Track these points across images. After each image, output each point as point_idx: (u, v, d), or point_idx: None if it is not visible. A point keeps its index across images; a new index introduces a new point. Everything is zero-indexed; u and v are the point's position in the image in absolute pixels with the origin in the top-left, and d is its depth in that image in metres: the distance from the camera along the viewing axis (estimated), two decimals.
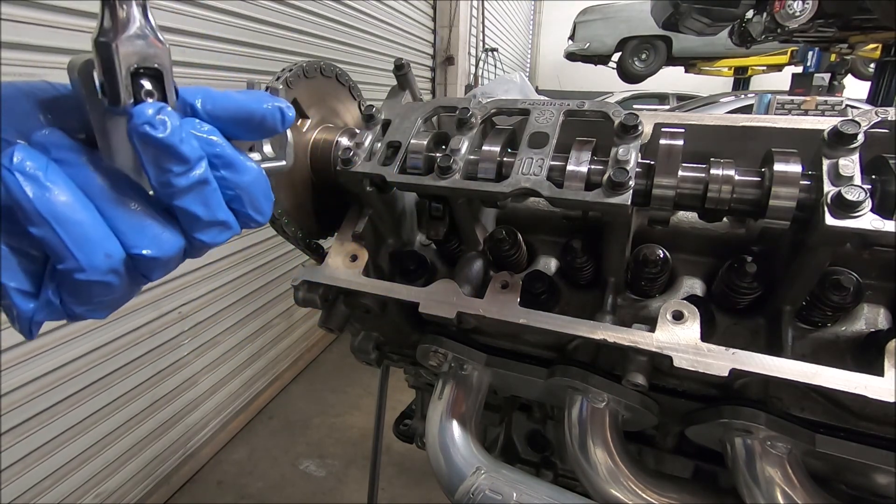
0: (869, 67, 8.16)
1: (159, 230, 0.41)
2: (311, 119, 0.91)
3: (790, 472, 0.72)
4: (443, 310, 0.81)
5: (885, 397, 0.59)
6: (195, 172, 0.40)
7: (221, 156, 0.43)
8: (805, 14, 5.35)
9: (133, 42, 0.36)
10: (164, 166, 0.39)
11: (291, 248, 2.85)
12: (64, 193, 0.37)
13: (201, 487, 2.97)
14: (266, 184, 0.48)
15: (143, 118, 0.37)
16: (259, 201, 0.47)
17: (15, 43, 1.76)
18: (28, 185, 0.35)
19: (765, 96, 6.41)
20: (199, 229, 0.43)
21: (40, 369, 2.05)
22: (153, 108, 0.38)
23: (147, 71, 0.37)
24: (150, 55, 0.37)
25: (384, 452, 1.91)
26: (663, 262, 0.82)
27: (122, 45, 0.36)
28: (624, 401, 0.84)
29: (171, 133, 0.38)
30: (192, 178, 0.40)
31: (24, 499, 2.08)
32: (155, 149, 0.38)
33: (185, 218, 0.42)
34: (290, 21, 3.33)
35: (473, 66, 7.87)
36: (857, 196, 0.60)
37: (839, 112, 5.25)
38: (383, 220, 0.99)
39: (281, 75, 0.84)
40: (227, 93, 0.46)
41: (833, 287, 0.73)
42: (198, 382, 3.00)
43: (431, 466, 0.89)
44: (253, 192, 0.46)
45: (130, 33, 0.36)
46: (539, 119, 0.79)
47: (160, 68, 0.38)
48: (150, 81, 0.38)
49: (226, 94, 0.46)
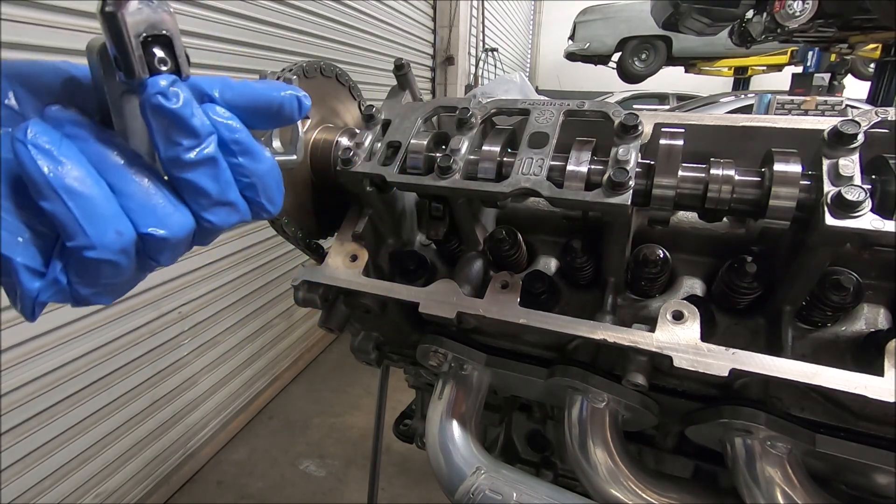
0: (869, 67, 8.16)
1: (170, 210, 0.41)
2: (311, 119, 0.91)
3: (790, 472, 0.72)
4: (443, 310, 0.81)
5: (885, 397, 0.59)
6: (205, 147, 0.40)
7: (240, 142, 0.43)
8: (805, 14, 5.35)
9: (139, 10, 0.36)
10: (174, 138, 0.39)
11: (291, 248, 2.84)
12: (77, 168, 0.37)
13: (201, 487, 2.97)
14: (279, 175, 0.48)
15: (155, 88, 0.38)
16: (273, 191, 0.47)
17: (15, 43, 1.76)
18: (41, 158, 0.35)
19: (765, 96, 6.41)
20: (208, 208, 0.43)
21: (40, 369, 2.05)
22: (166, 80, 0.38)
23: (156, 38, 0.38)
24: (158, 21, 0.37)
25: (384, 452, 1.91)
26: (663, 262, 0.82)
27: (128, 14, 0.36)
28: (624, 401, 0.84)
29: (183, 105, 0.38)
30: (202, 153, 0.40)
31: (24, 499, 2.08)
32: (165, 119, 0.38)
33: (194, 194, 0.42)
34: (290, 21, 3.33)
35: (473, 66, 7.87)
36: (857, 196, 0.60)
37: (839, 112, 5.25)
38: (383, 220, 0.99)
39: (281, 75, 0.84)
40: (244, 82, 0.46)
41: (833, 287, 0.73)
42: (198, 382, 3.00)
43: (431, 466, 0.89)
44: (268, 181, 0.46)
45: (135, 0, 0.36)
46: (539, 119, 0.79)
47: (169, 34, 0.38)
48: (161, 49, 0.38)
49: (244, 83, 0.46)
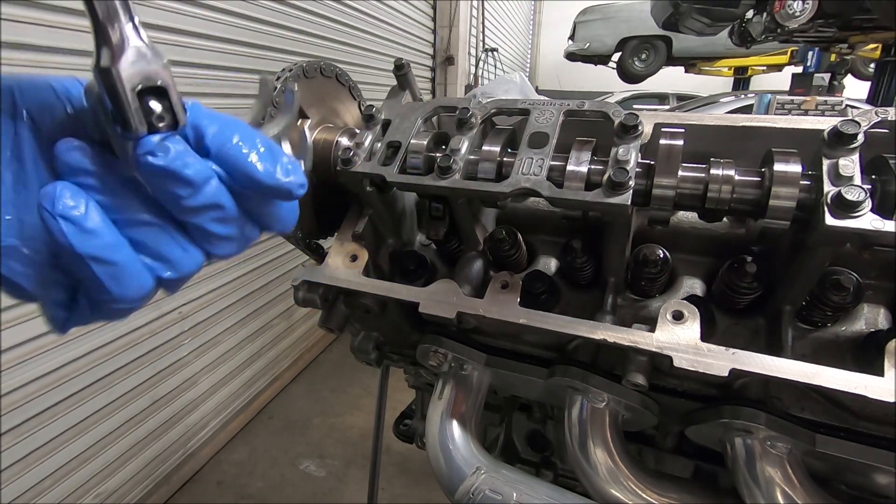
0: (869, 67, 8.15)
1: (180, 252, 0.42)
2: (311, 119, 0.91)
3: (790, 472, 0.72)
4: (443, 310, 0.81)
5: (885, 397, 0.59)
6: (203, 194, 0.40)
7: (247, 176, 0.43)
8: (805, 14, 5.35)
9: (133, 63, 0.36)
10: (170, 190, 0.39)
11: (291, 248, 2.85)
12: (103, 236, 0.38)
13: (201, 487, 2.97)
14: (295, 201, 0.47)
15: (145, 148, 0.37)
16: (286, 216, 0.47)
17: (15, 43, 1.76)
18: (70, 230, 0.36)
19: (765, 96, 6.41)
20: (217, 245, 0.44)
21: (40, 369, 2.05)
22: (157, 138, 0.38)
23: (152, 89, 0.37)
24: (153, 73, 0.37)
25: (384, 452, 1.91)
26: (663, 262, 0.82)
27: (123, 69, 0.35)
28: (624, 401, 0.84)
29: (174, 158, 0.38)
30: (200, 200, 0.40)
31: (24, 499, 2.08)
32: (156, 176, 0.38)
33: (202, 236, 0.43)
34: (290, 21, 3.33)
35: (473, 66, 7.87)
36: (857, 196, 0.60)
37: (839, 112, 5.25)
38: (383, 220, 0.99)
39: (281, 75, 0.84)
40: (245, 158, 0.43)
41: (833, 287, 0.73)
42: (198, 382, 3.00)
43: (431, 466, 0.89)
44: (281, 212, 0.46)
45: (128, 55, 0.36)
46: (539, 119, 0.79)
47: (164, 85, 0.38)
48: (156, 100, 0.38)
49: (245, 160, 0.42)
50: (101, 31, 0.35)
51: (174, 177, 0.38)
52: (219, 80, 2.77)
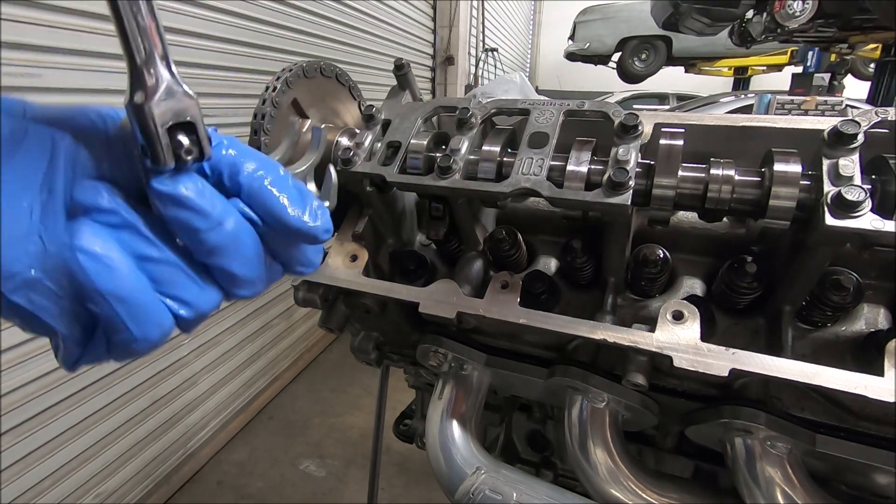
0: (869, 67, 8.15)
1: (198, 291, 0.42)
2: (310, 119, 0.91)
3: (790, 472, 0.72)
4: (443, 310, 0.81)
5: (885, 397, 0.59)
6: (223, 230, 0.40)
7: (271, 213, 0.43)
8: (805, 14, 5.34)
9: (164, 101, 0.37)
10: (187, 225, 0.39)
11: None
12: (126, 277, 0.37)
13: (201, 487, 2.97)
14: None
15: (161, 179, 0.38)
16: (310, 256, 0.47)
17: (15, 43, 1.76)
18: (91, 266, 0.36)
19: (765, 96, 6.40)
20: (238, 287, 0.43)
21: (40, 369, 2.05)
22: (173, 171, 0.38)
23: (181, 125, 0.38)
24: (182, 109, 0.38)
25: (384, 452, 1.91)
26: (663, 262, 0.82)
27: (155, 106, 0.36)
28: (624, 401, 0.84)
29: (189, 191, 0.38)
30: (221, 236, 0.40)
31: (24, 499, 2.08)
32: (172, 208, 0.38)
33: (223, 276, 0.42)
34: (290, 21, 3.33)
35: (473, 66, 7.87)
36: (857, 196, 0.60)
37: (839, 112, 5.25)
38: (383, 220, 0.99)
39: (281, 75, 0.84)
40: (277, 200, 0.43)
41: (833, 287, 0.73)
42: (198, 382, 3.00)
43: (431, 466, 0.89)
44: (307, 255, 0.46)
45: (161, 93, 0.36)
46: (539, 119, 0.79)
47: (192, 120, 0.38)
48: (185, 135, 0.38)
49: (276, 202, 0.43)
50: (137, 73, 0.36)
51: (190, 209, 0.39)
52: (219, 81, 2.77)
